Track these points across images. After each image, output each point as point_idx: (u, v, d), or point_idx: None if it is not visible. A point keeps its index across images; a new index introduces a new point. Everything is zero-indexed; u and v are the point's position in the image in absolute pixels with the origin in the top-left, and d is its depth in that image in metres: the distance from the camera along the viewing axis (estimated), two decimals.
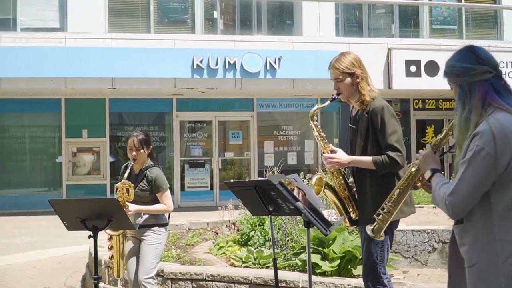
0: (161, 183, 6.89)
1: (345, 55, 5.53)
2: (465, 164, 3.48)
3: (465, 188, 3.48)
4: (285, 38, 20.98)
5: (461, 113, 3.61)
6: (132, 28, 21.09)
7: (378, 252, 5.36)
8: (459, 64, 3.66)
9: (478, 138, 3.44)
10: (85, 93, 20.57)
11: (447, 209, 3.55)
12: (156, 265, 6.91)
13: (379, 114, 5.32)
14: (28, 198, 20.26)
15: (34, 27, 20.34)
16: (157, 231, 6.88)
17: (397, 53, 20.72)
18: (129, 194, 6.70)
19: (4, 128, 21.28)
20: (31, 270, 11.67)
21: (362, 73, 5.46)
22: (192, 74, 19.18)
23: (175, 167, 21.71)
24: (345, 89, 5.48)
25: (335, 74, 5.47)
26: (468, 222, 3.58)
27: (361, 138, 5.43)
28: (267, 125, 22.74)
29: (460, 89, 3.64)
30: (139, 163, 6.94)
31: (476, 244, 3.54)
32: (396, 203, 4.56)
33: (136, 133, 7.01)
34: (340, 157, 5.43)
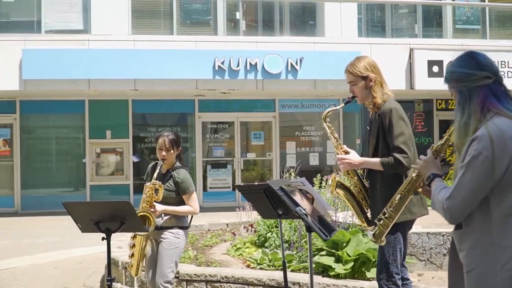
0: (188, 185, 6.91)
1: (359, 60, 5.70)
2: (463, 169, 3.50)
3: (463, 192, 3.49)
4: (306, 39, 21.02)
5: (460, 118, 3.64)
6: (155, 30, 21.23)
7: (390, 252, 5.45)
8: (459, 69, 3.69)
9: (476, 143, 3.47)
10: (108, 95, 20.76)
11: (445, 213, 3.56)
12: (174, 268, 6.90)
13: (387, 116, 5.44)
14: (52, 199, 20.42)
15: (58, 30, 20.53)
16: (176, 234, 6.87)
17: (419, 53, 20.65)
18: (158, 194, 6.73)
19: (29, 129, 21.51)
20: (51, 270, 11.80)
21: (376, 77, 5.60)
22: (214, 75, 19.29)
23: (197, 168, 21.82)
24: (359, 92, 5.65)
25: (350, 77, 5.67)
26: (467, 227, 3.59)
27: (373, 139, 5.57)
28: (289, 126, 22.78)
29: (459, 94, 3.67)
30: (167, 163, 6.94)
31: (475, 249, 3.56)
32: (397, 208, 4.60)
33: (167, 133, 6.99)
34: (351, 158, 5.56)
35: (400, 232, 5.48)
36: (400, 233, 5.48)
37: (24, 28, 20.50)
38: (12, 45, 18.72)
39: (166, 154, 6.87)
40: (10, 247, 14.35)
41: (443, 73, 13.85)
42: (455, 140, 3.70)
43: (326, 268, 7.93)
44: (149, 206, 6.67)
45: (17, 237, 15.63)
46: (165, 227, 6.86)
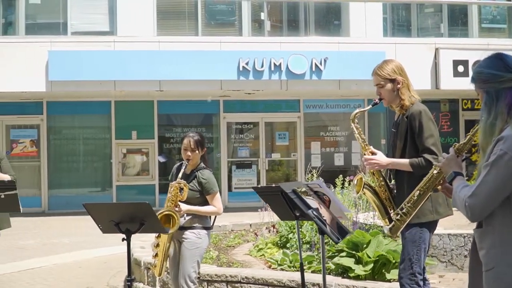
0: (212, 185, 6.95)
1: (387, 63, 5.80)
2: (488, 168, 3.51)
3: (486, 191, 3.50)
4: (331, 39, 21.02)
5: (486, 118, 3.65)
6: (180, 31, 21.35)
7: (415, 251, 5.48)
8: (487, 70, 3.68)
9: (502, 143, 3.48)
10: (134, 96, 20.90)
11: (466, 211, 3.57)
12: (196, 268, 6.92)
13: (417, 118, 5.53)
14: (78, 199, 20.50)
15: (85, 31, 20.70)
16: (198, 234, 6.90)
17: (444, 53, 20.54)
18: (183, 193, 6.79)
19: (56, 130, 21.71)
20: (76, 270, 11.91)
21: (403, 80, 5.69)
22: (238, 76, 19.35)
23: (222, 168, 21.90)
24: (386, 95, 5.73)
25: (378, 80, 5.75)
26: (488, 226, 3.60)
27: (401, 141, 5.64)
28: (314, 126, 22.77)
29: (487, 95, 3.67)
30: (192, 164, 6.99)
31: (495, 249, 3.57)
32: (415, 205, 4.65)
33: (192, 134, 7.05)
34: (379, 159, 5.63)
35: (427, 230, 5.55)
36: (426, 232, 5.54)
37: (50, 29, 20.71)
38: (38, 46, 18.90)
39: (191, 154, 6.92)
40: (36, 246, 14.51)
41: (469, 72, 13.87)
42: (480, 140, 3.70)
43: (346, 269, 7.96)
44: (174, 205, 6.74)
45: (43, 237, 15.80)
46: (188, 227, 6.90)
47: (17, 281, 10.97)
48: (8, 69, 18.64)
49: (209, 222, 7.04)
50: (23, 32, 20.55)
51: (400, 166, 5.58)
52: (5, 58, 18.74)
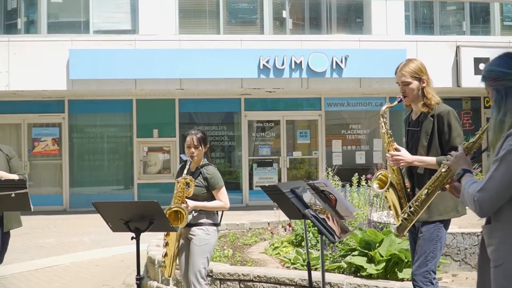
0: (217, 180, 6.99)
1: (412, 61, 5.80)
2: (497, 163, 3.53)
3: (495, 186, 3.52)
4: (351, 36, 20.99)
5: (496, 115, 3.68)
6: (202, 29, 21.38)
7: (431, 249, 5.47)
8: (498, 68, 3.74)
9: (511, 138, 3.50)
10: (155, 94, 20.99)
11: (475, 206, 3.58)
12: (206, 265, 6.95)
13: (445, 117, 5.56)
14: (100, 197, 20.69)
15: (107, 30, 20.80)
16: (207, 230, 6.92)
17: (465, 51, 20.41)
18: (189, 189, 6.83)
19: (78, 128, 21.83)
20: (93, 268, 11.97)
21: (427, 79, 5.72)
22: (259, 74, 19.34)
23: (243, 166, 21.92)
24: (411, 93, 5.71)
25: (404, 77, 5.71)
26: (496, 222, 3.62)
27: (426, 139, 5.63)
28: (335, 124, 22.72)
29: (496, 92, 3.71)
30: (196, 161, 7.04)
31: (504, 245, 3.58)
32: (423, 203, 4.63)
33: (194, 131, 7.11)
34: (405, 155, 5.59)
35: (444, 230, 5.57)
36: (443, 231, 5.55)
37: (72, 28, 20.83)
38: (59, 45, 19.03)
39: (195, 151, 6.97)
40: (55, 244, 14.60)
41: None
42: (490, 137, 3.73)
43: (358, 268, 7.91)
44: (181, 202, 6.76)
45: (63, 235, 15.90)
46: (195, 224, 6.93)
47: (34, 279, 11.04)
48: (30, 67, 18.77)
49: (217, 218, 7.07)
50: (45, 31, 20.64)
51: (425, 163, 5.55)
52: (27, 57, 18.87)
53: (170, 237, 6.99)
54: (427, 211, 5.27)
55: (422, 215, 5.26)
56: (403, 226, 4.71)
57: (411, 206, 4.63)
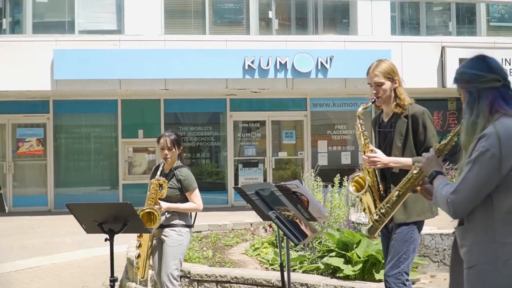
0: (191, 182, 7.04)
1: (384, 62, 5.75)
2: (470, 164, 3.54)
3: (468, 187, 3.52)
4: (337, 37, 20.97)
5: (468, 117, 3.69)
6: (188, 30, 21.33)
7: (404, 250, 5.44)
8: (470, 71, 3.75)
9: (484, 140, 3.51)
10: (140, 94, 20.94)
11: (449, 207, 3.59)
12: (178, 266, 6.99)
13: (420, 118, 5.54)
14: (84, 197, 20.65)
15: (92, 30, 20.73)
16: (179, 232, 6.96)
17: (450, 51, 20.43)
18: (162, 190, 6.85)
19: (62, 129, 21.71)
20: (74, 269, 11.95)
21: (399, 80, 5.69)
22: (244, 74, 19.30)
23: (229, 167, 21.89)
24: (384, 93, 5.67)
25: (376, 78, 5.66)
26: (469, 224, 3.62)
27: (400, 140, 5.58)
28: (321, 124, 22.70)
29: (469, 95, 3.72)
30: (170, 162, 7.09)
31: (477, 246, 3.59)
32: (394, 205, 4.62)
33: (168, 133, 7.16)
34: (381, 157, 5.55)
35: (418, 231, 5.54)
36: (417, 232, 5.52)
37: (57, 28, 20.75)
38: (44, 45, 18.93)
39: (169, 153, 7.01)
40: (38, 245, 14.54)
41: None
42: (462, 139, 3.74)
43: (335, 269, 7.91)
44: (154, 203, 6.78)
45: (47, 236, 15.84)
46: (168, 225, 6.96)
47: (14, 280, 11.02)
48: (15, 68, 18.68)
49: (190, 220, 7.12)
50: (30, 31, 20.57)
51: (402, 164, 5.50)
52: (12, 57, 18.78)
53: (143, 238, 7.01)
54: (404, 212, 5.29)
55: (399, 216, 5.27)
56: (374, 227, 4.69)
57: (382, 207, 4.61)
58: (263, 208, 4.23)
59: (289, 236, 4.19)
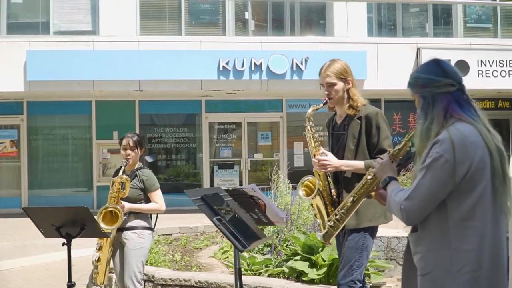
0: (153, 182, 7.02)
1: (337, 62, 5.64)
2: (424, 170, 3.49)
3: (422, 194, 3.48)
4: (312, 38, 20.93)
5: (423, 122, 3.65)
6: (163, 30, 21.22)
7: (356, 257, 5.34)
8: (425, 75, 3.70)
9: (438, 146, 3.47)
10: (115, 95, 20.79)
11: (402, 214, 3.54)
12: (141, 269, 6.93)
13: (373, 119, 5.39)
14: (59, 199, 20.51)
15: (67, 31, 20.57)
16: (140, 234, 6.92)
17: (426, 53, 20.40)
18: (125, 189, 6.80)
19: (36, 130, 21.54)
20: (43, 272, 11.85)
21: (352, 80, 5.57)
22: (218, 75, 19.23)
23: (204, 168, 21.80)
24: (337, 94, 5.56)
25: (328, 78, 5.55)
26: (423, 230, 3.57)
27: (353, 143, 5.46)
28: (296, 126, 22.62)
29: (423, 99, 3.68)
30: (131, 163, 7.07)
31: (431, 253, 3.54)
32: (349, 211, 4.57)
33: (130, 134, 7.17)
34: (331, 160, 5.42)
35: (371, 237, 5.43)
36: (370, 239, 5.41)
37: (32, 29, 20.59)
38: (17, 46, 18.76)
39: (131, 153, 6.97)
40: (8, 248, 14.40)
41: None
42: (416, 144, 3.69)
43: (300, 273, 7.85)
44: (116, 202, 6.72)
45: (18, 238, 15.68)
46: (129, 228, 6.88)
47: None
48: None
49: (151, 222, 7.07)
50: (4, 32, 20.41)
51: (353, 168, 5.38)
52: None
53: (104, 240, 6.92)
54: (355, 217, 5.14)
55: (350, 222, 5.11)
56: (329, 233, 4.62)
57: (337, 213, 4.54)
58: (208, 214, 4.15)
59: (233, 242, 4.11)
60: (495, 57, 20.73)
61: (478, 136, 3.51)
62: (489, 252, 3.47)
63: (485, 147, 3.50)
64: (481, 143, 3.50)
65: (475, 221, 3.46)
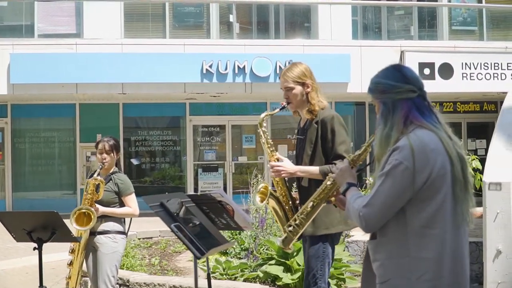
0: (128, 186, 6.99)
1: (296, 65, 5.61)
2: (383, 177, 3.46)
3: (381, 200, 3.44)
4: (295, 41, 20.93)
5: (382, 129, 3.61)
6: (148, 33, 21.20)
7: (319, 266, 5.32)
8: (385, 81, 3.69)
9: (397, 152, 3.43)
10: (99, 98, 20.76)
11: (361, 221, 3.51)
12: (115, 273, 6.92)
13: (328, 123, 5.33)
14: (43, 202, 20.46)
15: (51, 34, 20.51)
16: (114, 238, 6.89)
17: (410, 56, 20.46)
18: (99, 192, 6.77)
19: (20, 133, 21.47)
20: (22, 276, 11.79)
21: (312, 84, 5.52)
22: (202, 78, 19.24)
23: (188, 171, 21.78)
24: (295, 98, 5.56)
25: (286, 82, 5.55)
26: (382, 237, 3.54)
27: (310, 148, 5.41)
28: (281, 129, 22.64)
29: (383, 105, 3.65)
30: (107, 167, 7.05)
31: (390, 260, 3.51)
32: (309, 216, 4.54)
33: (107, 138, 7.21)
34: (286, 166, 5.41)
35: (330, 244, 5.38)
36: (330, 245, 5.37)
37: (17, 32, 20.53)
38: (1, 49, 18.73)
39: (106, 157, 6.97)
40: None
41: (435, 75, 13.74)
42: (376, 151, 3.66)
43: (274, 278, 7.85)
44: (90, 204, 6.70)
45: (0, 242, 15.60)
46: (102, 232, 6.86)
47: None
48: None
49: (124, 227, 7.02)
50: None
51: (309, 173, 5.34)
52: None
53: (77, 244, 6.91)
54: (312, 224, 5.07)
55: (308, 229, 5.05)
56: (288, 238, 4.61)
57: (297, 218, 4.53)
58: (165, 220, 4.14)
59: (191, 249, 4.11)
60: (480, 60, 20.76)
61: (438, 143, 3.48)
62: (450, 260, 3.44)
63: (445, 154, 3.48)
64: (442, 150, 3.47)
65: (435, 229, 3.43)
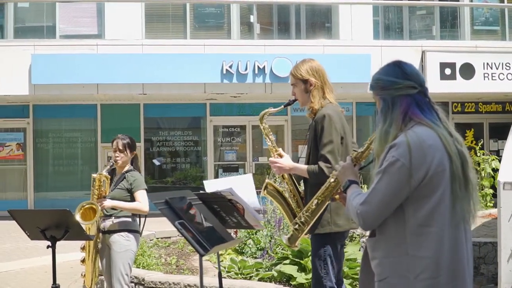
0: (139, 183, 6.95)
1: (304, 62, 5.62)
2: (380, 175, 3.45)
3: (378, 198, 3.43)
4: (316, 42, 20.88)
5: (382, 126, 3.60)
6: (168, 34, 21.25)
7: (322, 265, 5.31)
8: (385, 77, 3.66)
9: (394, 150, 3.42)
10: (120, 99, 20.87)
11: (359, 219, 3.50)
12: (128, 271, 6.91)
13: (319, 122, 5.30)
14: (64, 202, 20.49)
15: (73, 35, 20.65)
16: (126, 237, 6.88)
17: (431, 56, 20.35)
18: (105, 187, 6.81)
19: (42, 133, 21.65)
20: (41, 274, 11.85)
21: (316, 82, 5.49)
22: (222, 79, 19.28)
23: (209, 172, 21.81)
24: (299, 95, 5.59)
25: (291, 79, 5.62)
26: (381, 235, 3.53)
27: (308, 146, 5.49)
28: (301, 129, 22.60)
29: (383, 102, 3.63)
30: (120, 165, 7.03)
31: (388, 258, 3.50)
32: (314, 213, 4.54)
33: (122, 136, 7.13)
34: (282, 163, 5.45)
35: (329, 244, 5.33)
36: (329, 245, 5.33)
37: (38, 33, 20.69)
38: (22, 50, 18.90)
39: (119, 155, 6.95)
40: (10, 250, 14.50)
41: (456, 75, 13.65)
42: (375, 148, 3.65)
43: (289, 277, 7.85)
44: (97, 199, 6.73)
45: (21, 240, 15.71)
46: (114, 231, 6.86)
47: None
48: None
49: (137, 225, 7.01)
50: (11, 36, 20.57)
51: (299, 171, 5.41)
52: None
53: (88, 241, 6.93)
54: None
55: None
56: (294, 236, 4.60)
57: (302, 216, 4.53)
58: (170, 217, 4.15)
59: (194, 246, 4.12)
60: (501, 60, 20.60)
61: (436, 140, 3.45)
62: (448, 259, 3.41)
63: (444, 151, 3.44)
64: (440, 147, 3.44)
65: (433, 227, 3.40)
